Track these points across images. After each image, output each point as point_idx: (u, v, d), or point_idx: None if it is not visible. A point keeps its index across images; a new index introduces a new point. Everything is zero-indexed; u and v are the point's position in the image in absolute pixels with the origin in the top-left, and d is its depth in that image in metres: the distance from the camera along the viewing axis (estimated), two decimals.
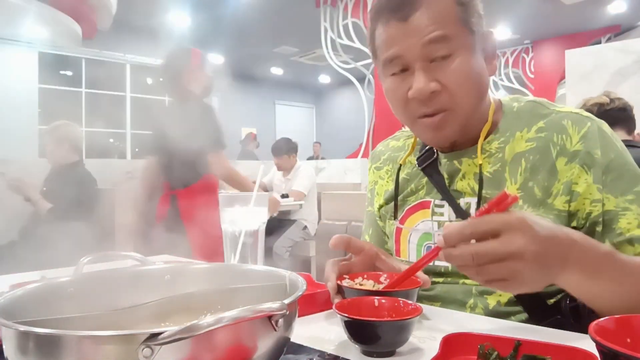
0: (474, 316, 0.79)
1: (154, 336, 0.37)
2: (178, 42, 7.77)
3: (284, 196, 3.89)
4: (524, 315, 0.80)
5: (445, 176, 0.88)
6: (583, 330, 0.70)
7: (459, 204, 0.86)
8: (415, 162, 0.94)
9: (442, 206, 0.88)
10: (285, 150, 4.14)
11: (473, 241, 0.57)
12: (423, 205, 0.91)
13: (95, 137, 8.15)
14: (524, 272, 0.56)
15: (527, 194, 0.80)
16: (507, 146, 0.84)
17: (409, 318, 0.57)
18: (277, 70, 10.76)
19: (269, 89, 11.05)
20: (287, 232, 3.91)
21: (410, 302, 0.63)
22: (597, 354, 0.43)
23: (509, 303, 0.81)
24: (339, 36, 6.41)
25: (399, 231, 0.94)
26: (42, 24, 5.14)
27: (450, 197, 0.86)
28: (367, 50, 6.27)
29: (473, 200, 0.84)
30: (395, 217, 0.94)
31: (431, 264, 0.87)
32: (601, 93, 2.19)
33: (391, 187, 0.98)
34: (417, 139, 0.96)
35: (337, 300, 0.72)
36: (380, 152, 1.06)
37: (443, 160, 0.89)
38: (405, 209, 0.93)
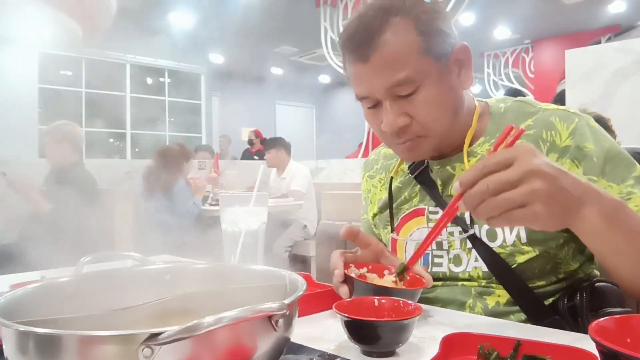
0: (474, 316, 0.79)
1: (154, 336, 0.37)
2: (179, 43, 7.75)
3: (283, 196, 3.89)
4: (523, 316, 0.80)
5: (439, 182, 0.89)
6: (581, 330, 0.70)
7: None
8: (408, 171, 0.94)
9: (436, 213, 0.89)
10: (272, 145, 4.14)
11: None
12: (417, 213, 0.91)
13: (95, 137, 8.15)
14: (542, 190, 0.56)
15: None
16: None
17: (409, 318, 0.57)
18: (277, 70, 10.75)
19: (269, 89, 11.04)
20: (287, 231, 3.91)
21: (410, 302, 0.63)
22: (597, 354, 0.43)
23: (508, 303, 0.81)
24: (339, 36, 6.40)
25: (394, 241, 0.94)
26: (42, 24, 5.14)
27: (443, 203, 0.87)
28: None
29: None
30: (391, 229, 0.94)
31: (429, 270, 0.87)
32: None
33: (384, 195, 0.98)
34: None
35: (342, 289, 0.72)
36: (373, 161, 1.06)
37: (435, 167, 0.89)
38: (400, 217, 0.94)
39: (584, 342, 0.48)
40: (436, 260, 0.88)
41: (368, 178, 1.05)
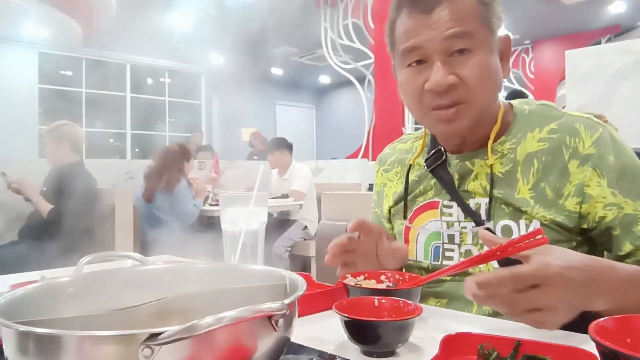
0: (473, 316, 0.79)
1: (154, 336, 0.37)
2: (179, 43, 7.75)
3: (284, 196, 3.89)
4: None
5: (456, 176, 0.89)
6: (587, 330, 0.71)
7: (469, 204, 0.86)
8: (424, 164, 0.94)
9: (450, 206, 0.89)
10: (276, 147, 4.14)
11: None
12: (431, 206, 0.92)
13: (95, 137, 8.15)
14: (558, 318, 0.60)
15: (539, 194, 0.81)
16: (518, 147, 0.85)
17: (409, 318, 0.57)
18: (277, 70, 10.75)
19: (269, 89, 11.03)
20: (287, 232, 3.90)
21: (410, 302, 0.63)
22: (597, 354, 0.43)
23: None
24: (339, 36, 6.42)
25: (407, 230, 0.94)
26: (42, 24, 5.14)
27: (459, 197, 0.87)
28: (367, 50, 6.20)
29: (483, 201, 0.85)
30: (404, 217, 0.95)
31: (438, 262, 0.88)
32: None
33: (400, 188, 0.98)
34: (426, 140, 0.97)
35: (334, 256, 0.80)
36: (388, 155, 1.06)
37: (454, 161, 0.90)
38: (414, 209, 0.94)
39: (584, 342, 0.48)
40: (447, 253, 0.89)
41: (383, 172, 1.05)
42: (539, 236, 0.64)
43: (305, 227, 3.96)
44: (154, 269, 0.63)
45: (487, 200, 0.84)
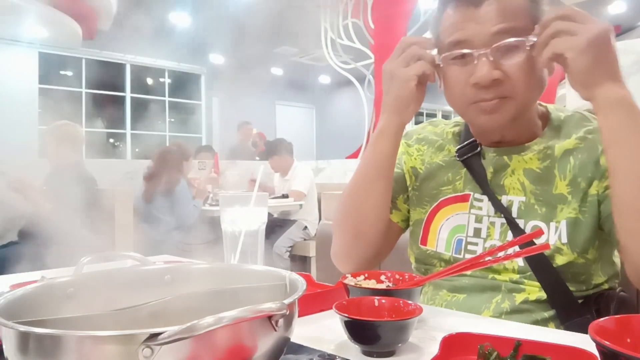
0: (474, 316, 0.79)
1: (154, 336, 0.37)
2: (179, 43, 7.76)
3: (284, 196, 3.89)
4: (547, 313, 0.81)
5: (490, 169, 0.88)
6: None
7: (500, 199, 0.86)
8: (455, 153, 0.93)
9: (481, 200, 0.89)
10: (275, 150, 4.14)
11: None
12: (462, 199, 0.91)
13: (95, 137, 8.15)
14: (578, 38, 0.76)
15: (576, 189, 0.82)
16: (556, 145, 0.85)
17: (409, 318, 0.57)
18: (277, 70, 10.75)
19: (269, 89, 11.03)
20: (287, 232, 3.91)
21: (410, 302, 0.63)
22: (597, 354, 0.43)
23: (537, 300, 0.81)
24: (339, 36, 6.41)
25: (431, 217, 0.93)
26: (42, 24, 5.15)
27: (490, 192, 0.87)
28: (367, 50, 6.18)
29: (517, 199, 0.85)
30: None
31: (460, 255, 0.88)
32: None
33: (419, 166, 0.97)
34: (461, 127, 0.97)
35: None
36: (414, 132, 1.04)
37: (490, 154, 0.89)
38: (440, 199, 0.93)
39: (584, 342, 0.48)
40: (470, 247, 0.88)
41: (404, 143, 1.03)
42: (542, 241, 0.64)
43: (306, 227, 3.97)
44: (154, 269, 0.63)
45: (521, 198, 0.84)
